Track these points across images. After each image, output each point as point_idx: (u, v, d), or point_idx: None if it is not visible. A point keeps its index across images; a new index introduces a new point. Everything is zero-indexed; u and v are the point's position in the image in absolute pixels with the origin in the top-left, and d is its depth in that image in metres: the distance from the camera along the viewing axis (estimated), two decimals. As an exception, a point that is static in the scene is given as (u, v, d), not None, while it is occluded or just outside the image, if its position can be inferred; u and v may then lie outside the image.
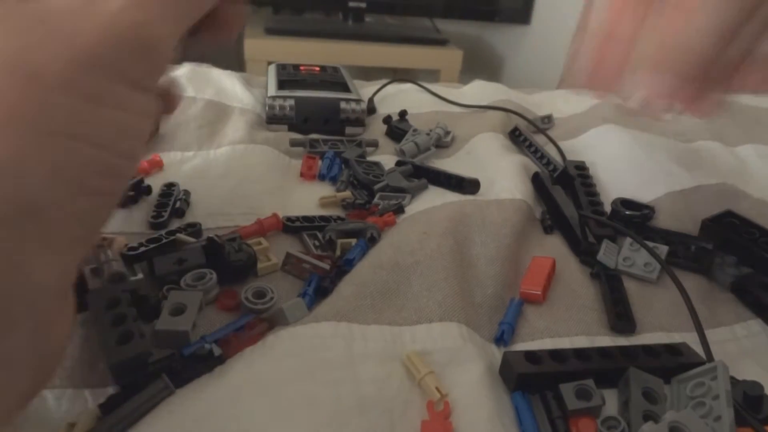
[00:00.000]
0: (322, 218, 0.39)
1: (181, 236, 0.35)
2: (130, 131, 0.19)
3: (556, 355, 0.28)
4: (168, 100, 0.26)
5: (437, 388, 0.25)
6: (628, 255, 0.38)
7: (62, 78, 0.17)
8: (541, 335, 0.31)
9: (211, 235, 0.33)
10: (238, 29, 0.26)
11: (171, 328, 0.27)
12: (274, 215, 0.38)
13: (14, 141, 0.16)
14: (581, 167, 0.50)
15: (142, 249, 0.33)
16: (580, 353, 0.28)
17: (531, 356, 0.27)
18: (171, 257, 0.32)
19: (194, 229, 0.36)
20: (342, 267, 0.34)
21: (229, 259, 0.32)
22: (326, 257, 0.35)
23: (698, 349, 0.30)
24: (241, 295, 0.30)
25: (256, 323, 0.28)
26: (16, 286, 0.16)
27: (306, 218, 0.39)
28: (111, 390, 0.25)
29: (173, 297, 0.29)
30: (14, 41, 0.17)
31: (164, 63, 0.20)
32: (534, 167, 0.50)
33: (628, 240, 0.39)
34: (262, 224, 0.37)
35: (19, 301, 0.17)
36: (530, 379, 0.26)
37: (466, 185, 0.44)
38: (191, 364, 0.26)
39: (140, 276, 0.31)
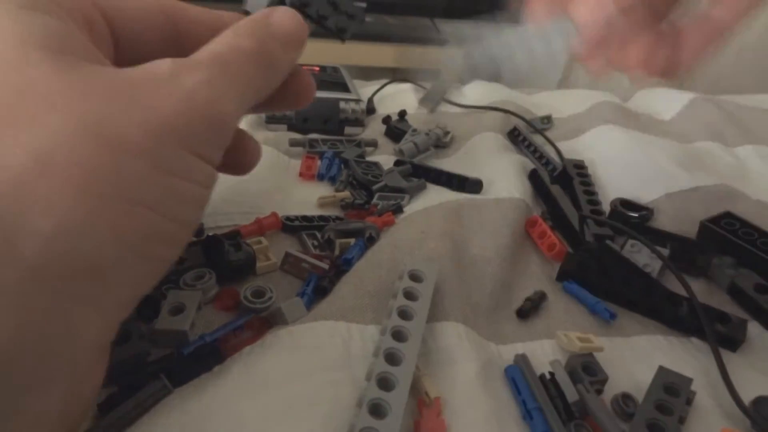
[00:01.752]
0: (321, 218, 0.39)
1: None
2: (193, 200, 0.20)
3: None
4: (242, 160, 0.28)
5: (426, 393, 0.25)
6: (627, 256, 0.38)
7: (140, 147, 0.17)
8: (540, 336, 0.32)
9: (210, 234, 0.33)
10: (307, 101, 0.28)
11: (170, 328, 0.27)
12: (273, 214, 0.38)
13: (88, 204, 0.16)
14: (580, 166, 0.50)
15: None
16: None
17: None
18: None
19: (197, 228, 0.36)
20: (341, 266, 0.34)
21: (228, 259, 0.32)
22: (325, 257, 0.35)
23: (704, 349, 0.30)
24: (241, 294, 0.30)
25: (255, 322, 0.28)
26: (61, 342, 0.17)
27: (305, 218, 0.39)
28: (109, 389, 0.25)
29: (172, 296, 0.29)
30: (98, 106, 0.17)
31: (229, 136, 0.21)
32: (532, 166, 0.50)
33: (630, 241, 0.39)
34: (261, 223, 0.37)
35: (60, 358, 0.17)
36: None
37: (469, 185, 0.44)
38: (190, 363, 0.26)
39: None
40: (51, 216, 0.16)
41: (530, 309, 0.33)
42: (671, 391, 0.27)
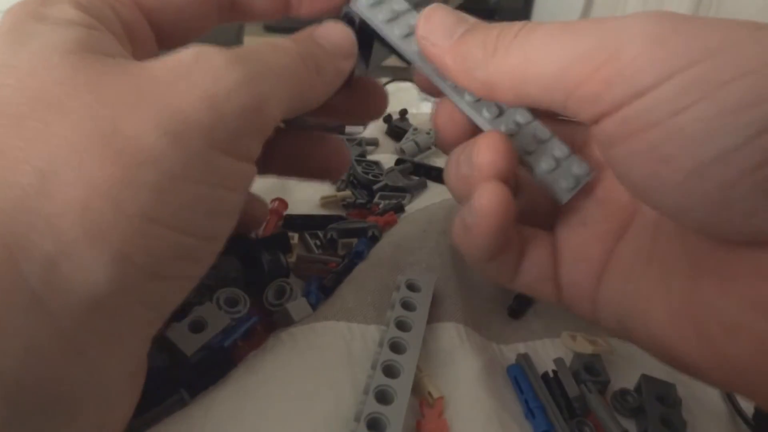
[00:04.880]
0: (324, 217, 0.39)
1: None
2: (221, 211, 0.18)
3: None
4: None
5: (429, 393, 0.25)
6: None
7: (156, 152, 0.16)
8: (541, 335, 0.32)
9: (249, 240, 0.33)
10: (379, 113, 0.27)
11: (176, 344, 0.26)
12: (278, 199, 0.39)
13: (92, 226, 0.15)
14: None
15: None
16: None
17: None
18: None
19: None
20: (353, 260, 0.34)
21: (266, 270, 0.31)
22: (332, 256, 0.35)
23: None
24: (264, 299, 0.30)
25: (258, 326, 0.28)
26: (79, 373, 0.16)
27: (308, 217, 0.39)
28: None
29: (202, 310, 0.27)
30: (113, 108, 0.16)
31: (269, 125, 0.19)
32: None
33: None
34: (277, 212, 0.38)
35: (82, 390, 0.16)
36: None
37: (470, 184, 0.44)
38: (205, 372, 0.25)
39: None
40: (52, 238, 0.15)
41: (521, 307, 0.33)
42: (662, 400, 0.27)
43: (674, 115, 0.16)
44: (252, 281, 0.31)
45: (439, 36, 0.21)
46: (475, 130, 0.23)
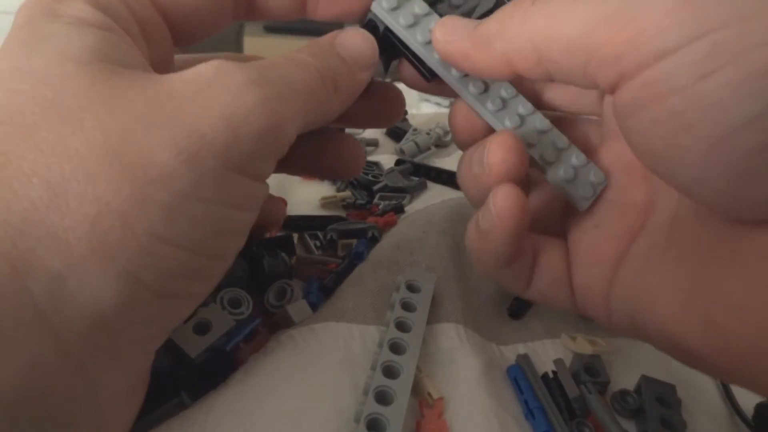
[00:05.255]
0: (324, 218, 0.39)
1: None
2: (232, 230, 0.18)
3: None
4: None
5: (429, 393, 0.25)
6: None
7: (167, 171, 0.15)
8: (541, 336, 0.32)
9: (251, 240, 0.33)
10: (395, 118, 0.27)
11: (182, 346, 0.26)
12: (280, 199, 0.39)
13: (99, 242, 0.15)
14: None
15: None
16: None
17: None
18: None
19: None
20: (353, 260, 0.34)
21: (266, 271, 0.31)
22: (332, 257, 0.35)
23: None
24: (265, 300, 0.30)
25: (260, 328, 0.28)
26: (79, 389, 0.16)
27: (308, 217, 0.39)
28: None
29: (207, 312, 0.27)
30: (127, 123, 0.15)
31: (284, 146, 0.19)
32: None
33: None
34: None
35: (80, 405, 0.16)
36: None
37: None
38: (207, 375, 0.25)
39: None
40: (59, 255, 0.15)
41: (521, 307, 0.33)
42: (664, 402, 0.27)
43: (699, 80, 0.15)
44: (254, 281, 0.31)
45: (458, 32, 0.21)
46: (491, 130, 0.23)
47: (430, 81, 0.24)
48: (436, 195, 0.44)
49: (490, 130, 0.23)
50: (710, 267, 0.18)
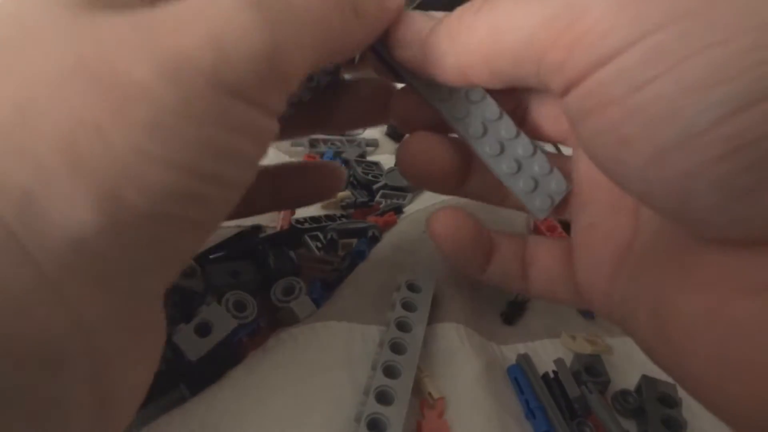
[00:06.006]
0: (328, 218, 0.39)
1: None
2: (230, 153, 0.16)
3: None
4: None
5: (429, 393, 0.25)
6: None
7: (146, 90, 0.14)
8: (541, 335, 0.32)
9: (258, 241, 0.33)
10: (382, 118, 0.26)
11: (183, 347, 0.25)
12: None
13: (71, 157, 0.14)
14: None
15: (220, 253, 0.33)
16: None
17: None
18: (225, 268, 0.31)
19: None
20: (354, 259, 0.34)
21: (273, 268, 0.31)
22: (333, 257, 0.35)
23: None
24: (272, 294, 0.30)
25: (263, 324, 0.28)
26: (63, 327, 0.14)
27: (313, 219, 0.39)
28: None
29: (209, 313, 0.27)
30: (96, 47, 0.14)
31: (292, 78, 0.17)
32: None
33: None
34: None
35: (69, 344, 0.14)
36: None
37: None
38: (210, 368, 0.25)
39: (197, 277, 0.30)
40: (28, 169, 0.13)
41: (514, 313, 0.33)
42: (664, 402, 0.27)
43: (635, 91, 0.14)
44: (262, 281, 0.31)
45: (412, 39, 0.20)
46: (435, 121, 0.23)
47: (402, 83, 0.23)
48: (436, 195, 0.44)
49: (436, 121, 0.23)
50: (670, 280, 0.18)
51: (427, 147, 0.24)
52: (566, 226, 0.39)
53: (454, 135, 0.24)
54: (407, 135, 0.24)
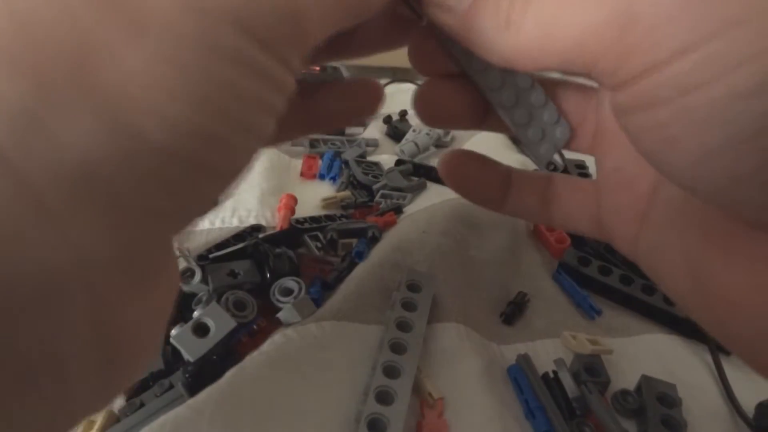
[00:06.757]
0: (328, 217, 0.40)
1: None
2: (250, 97, 0.16)
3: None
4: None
5: (429, 393, 0.25)
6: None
7: (164, 19, 0.14)
8: (541, 335, 0.32)
9: (257, 241, 0.33)
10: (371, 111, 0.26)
11: (181, 349, 0.25)
12: (287, 195, 0.40)
13: (74, 79, 0.13)
14: (581, 166, 0.50)
15: (220, 253, 0.33)
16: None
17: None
18: (224, 268, 0.31)
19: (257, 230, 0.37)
20: (353, 260, 0.34)
21: (273, 268, 0.32)
22: (333, 257, 0.35)
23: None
24: (272, 294, 0.30)
25: (263, 324, 0.28)
26: (61, 261, 0.13)
27: (313, 219, 0.39)
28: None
29: (207, 312, 0.27)
30: None
31: (307, 37, 0.17)
32: (533, 167, 0.50)
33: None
34: (288, 207, 0.39)
35: (67, 275, 0.13)
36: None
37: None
38: (209, 368, 0.25)
39: (198, 278, 0.30)
40: (27, 85, 0.12)
41: (514, 314, 0.33)
42: (664, 401, 0.27)
43: (685, 95, 0.15)
44: (262, 276, 0.31)
45: (450, 3, 0.19)
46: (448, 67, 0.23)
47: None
48: (436, 195, 0.44)
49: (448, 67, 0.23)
50: (711, 250, 0.18)
51: (443, 93, 0.24)
52: (571, 236, 0.40)
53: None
54: (423, 82, 0.24)
